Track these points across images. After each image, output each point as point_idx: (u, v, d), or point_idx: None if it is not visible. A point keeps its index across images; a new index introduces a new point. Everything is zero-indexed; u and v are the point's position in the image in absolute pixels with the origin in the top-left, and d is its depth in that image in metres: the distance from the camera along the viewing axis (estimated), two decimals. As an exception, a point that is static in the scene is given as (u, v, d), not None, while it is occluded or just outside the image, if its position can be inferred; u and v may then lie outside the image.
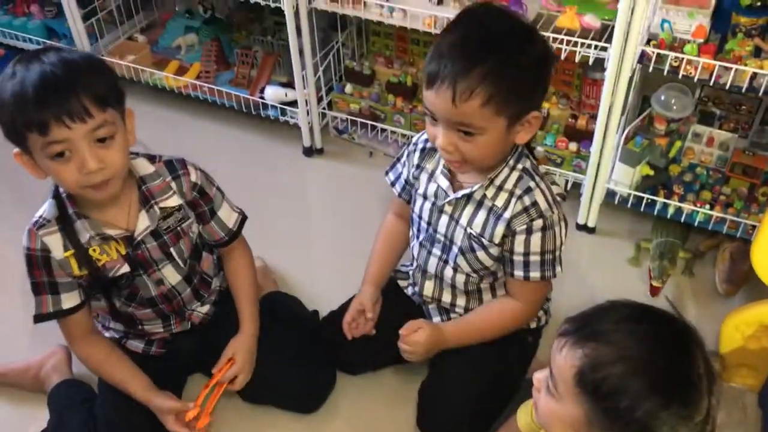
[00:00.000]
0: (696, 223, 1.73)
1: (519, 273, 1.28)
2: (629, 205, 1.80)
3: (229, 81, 2.22)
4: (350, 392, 1.53)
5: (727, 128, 1.83)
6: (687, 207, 1.72)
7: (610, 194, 1.81)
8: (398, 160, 1.41)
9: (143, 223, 1.26)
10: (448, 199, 1.29)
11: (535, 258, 1.26)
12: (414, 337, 1.34)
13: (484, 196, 1.25)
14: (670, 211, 1.75)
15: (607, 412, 0.87)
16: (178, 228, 1.31)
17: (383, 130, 2.10)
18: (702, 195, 1.76)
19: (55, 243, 1.22)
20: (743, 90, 1.50)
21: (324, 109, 2.14)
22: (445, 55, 1.10)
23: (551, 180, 1.29)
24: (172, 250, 1.31)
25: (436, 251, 1.37)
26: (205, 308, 1.46)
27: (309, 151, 2.16)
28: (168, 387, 1.37)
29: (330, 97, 2.15)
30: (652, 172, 1.76)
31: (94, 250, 1.24)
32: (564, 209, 1.28)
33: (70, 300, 1.27)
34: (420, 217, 1.37)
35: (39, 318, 1.27)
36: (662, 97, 1.71)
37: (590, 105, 1.89)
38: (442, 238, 1.33)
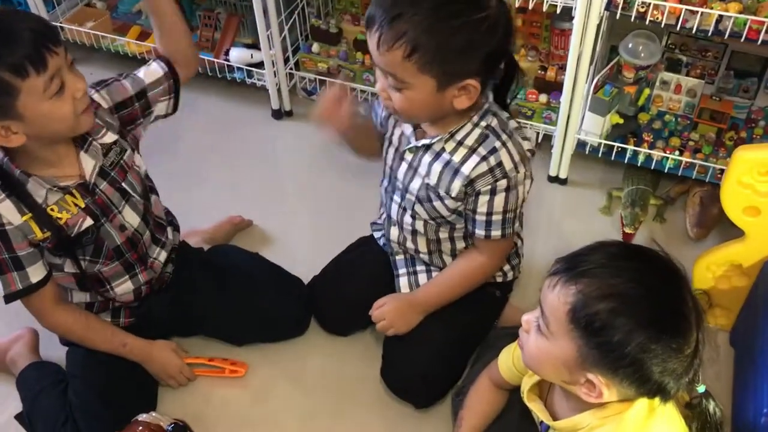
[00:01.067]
0: (666, 170, 1.75)
1: (480, 232, 1.28)
2: (600, 155, 1.81)
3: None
4: (328, 347, 1.54)
5: (695, 75, 1.84)
6: (657, 154, 1.73)
7: (581, 145, 1.82)
8: (376, 97, 1.36)
9: (88, 163, 1.24)
10: (408, 146, 1.28)
11: (497, 217, 1.26)
12: (378, 312, 1.36)
13: (443, 149, 1.24)
14: (640, 158, 1.76)
15: (600, 347, 0.88)
16: (121, 161, 1.29)
17: (353, 89, 2.07)
18: (671, 141, 1.77)
19: (8, 211, 1.18)
20: (709, 33, 1.51)
21: (291, 69, 2.11)
22: (381, 1, 1.09)
23: (523, 135, 1.27)
24: (124, 185, 1.29)
25: (397, 198, 1.37)
26: (163, 256, 1.43)
27: (278, 114, 2.13)
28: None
29: (297, 57, 2.12)
30: (621, 121, 1.77)
31: (52, 210, 1.21)
32: (535, 162, 1.29)
33: (36, 273, 1.24)
34: (385, 163, 1.37)
35: (10, 297, 1.24)
36: (630, 45, 1.71)
37: (559, 56, 1.88)
38: (401, 186, 1.33)
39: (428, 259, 1.42)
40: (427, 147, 1.26)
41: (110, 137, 1.27)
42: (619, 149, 1.76)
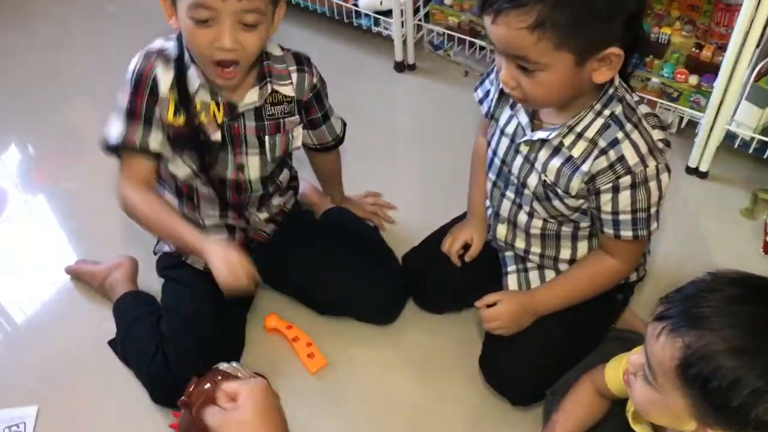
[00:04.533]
0: (828, 177, 1.53)
1: (609, 231, 1.14)
2: (751, 150, 1.61)
3: (323, -15, 2.09)
4: (423, 324, 1.46)
5: None
6: (820, 158, 1.52)
7: (730, 137, 1.62)
8: (488, 75, 1.27)
9: (251, 97, 1.23)
10: (524, 138, 1.16)
11: (625, 217, 1.12)
12: (492, 312, 1.24)
13: (561, 143, 1.11)
14: (799, 161, 1.55)
15: (719, 410, 0.77)
16: (281, 120, 1.28)
17: (482, 48, 1.95)
18: (839, 145, 1.55)
19: (165, 78, 1.18)
20: None
21: (420, 21, 2.00)
22: None
23: (655, 123, 1.11)
24: (266, 138, 1.27)
25: (510, 194, 1.24)
26: (264, 215, 1.40)
27: (400, 66, 2.04)
28: (230, 304, 1.33)
29: (428, 8, 2.00)
30: (783, 115, 1.56)
31: (194, 105, 1.20)
32: (674, 149, 1.13)
33: (156, 142, 1.20)
34: (495, 153, 1.24)
35: (120, 147, 1.20)
36: (808, 30, 1.49)
37: (719, 34, 1.67)
38: (516, 180, 1.21)
39: (540, 262, 1.30)
40: (544, 141, 1.13)
41: (288, 91, 1.26)
42: (775, 147, 1.56)
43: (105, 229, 1.62)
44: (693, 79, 1.65)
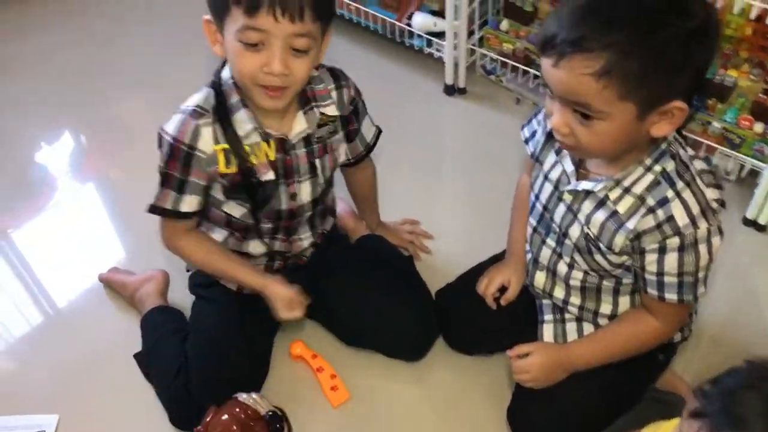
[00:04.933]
0: None
1: (652, 291, 1.08)
2: (815, 207, 1.52)
3: (378, 1, 2.06)
4: (451, 365, 1.41)
5: None
6: None
7: (794, 190, 1.53)
8: (535, 115, 1.22)
9: (300, 125, 1.20)
10: (568, 187, 1.10)
11: (670, 279, 1.05)
12: (523, 363, 1.18)
13: (607, 197, 1.05)
14: None
15: None
16: (328, 141, 1.26)
17: (536, 77, 1.89)
18: None
19: (207, 136, 1.16)
20: None
21: (474, 45, 1.95)
22: (566, 17, 0.90)
23: (710, 181, 1.04)
24: (317, 161, 1.25)
25: (551, 242, 1.18)
26: (308, 241, 1.38)
27: (450, 90, 1.99)
28: (258, 330, 1.34)
29: (482, 33, 1.95)
30: None
31: (244, 149, 1.18)
32: (731, 199, 1.06)
33: (189, 204, 1.20)
34: (537, 198, 1.19)
35: (154, 210, 1.21)
36: None
37: (790, 80, 1.58)
38: (558, 229, 1.15)
39: (578, 314, 1.23)
40: (588, 192, 1.08)
41: (332, 111, 1.24)
42: (843, 206, 1.46)
43: (146, 227, 1.62)
44: (758, 127, 1.56)
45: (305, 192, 1.27)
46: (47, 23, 2.31)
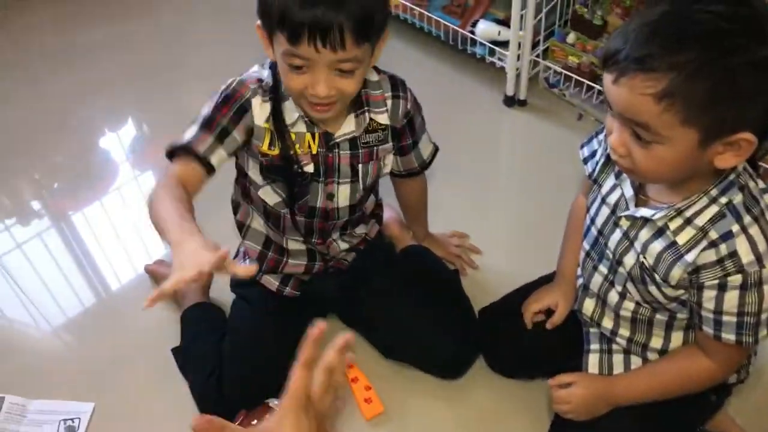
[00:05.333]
0: None
1: (708, 329, 1.01)
2: None
3: (442, 7, 2.03)
4: (490, 386, 1.37)
5: None
6: None
7: None
8: (596, 135, 1.16)
9: (349, 126, 1.19)
10: (626, 212, 1.04)
11: (729, 318, 0.98)
12: (564, 394, 1.13)
13: (666, 226, 0.99)
14: None
15: None
16: (375, 148, 1.23)
17: (600, 93, 1.82)
18: None
19: (261, 110, 1.15)
20: None
21: (538, 56, 1.89)
22: (633, 33, 0.85)
23: None
24: (360, 167, 1.23)
25: (603, 268, 1.13)
26: (345, 245, 1.35)
27: (510, 101, 1.94)
28: (295, 334, 1.29)
29: (547, 44, 1.89)
30: None
31: (290, 136, 1.17)
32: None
33: (217, 157, 1.13)
34: (593, 222, 1.13)
35: (183, 148, 1.12)
36: None
37: None
38: (611, 256, 1.09)
39: (627, 346, 1.17)
40: (647, 220, 1.02)
41: (384, 119, 1.22)
42: None
43: (199, 221, 1.62)
44: (837, 159, 1.47)
45: (343, 195, 1.25)
46: (120, 13, 2.36)
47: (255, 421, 1.13)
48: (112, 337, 1.49)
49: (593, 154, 1.16)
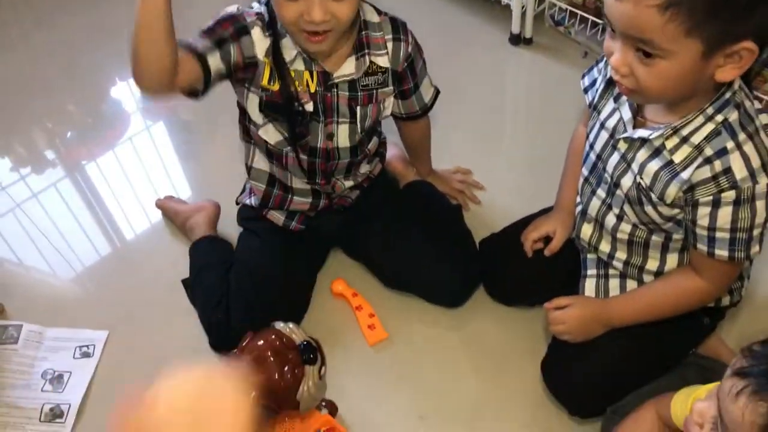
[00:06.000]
0: None
1: (702, 247, 1.03)
2: None
3: (448, -55, 2.01)
4: (490, 314, 1.40)
5: None
6: None
7: None
8: (597, 63, 1.17)
9: (348, 68, 1.19)
10: (624, 134, 1.06)
11: (722, 234, 1.00)
12: (559, 315, 1.16)
13: (663, 145, 1.00)
14: None
15: None
16: (375, 91, 1.24)
17: (605, 30, 1.81)
18: None
19: (260, 43, 1.15)
20: None
21: (543, -8, 1.89)
22: None
23: None
24: (358, 109, 1.24)
25: (601, 192, 1.14)
26: (350, 183, 1.38)
27: (516, 39, 1.94)
28: (300, 264, 1.35)
29: (553, -20, 1.88)
30: None
31: (289, 72, 1.18)
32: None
33: (215, 62, 1.11)
34: (592, 147, 1.15)
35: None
36: None
37: None
38: (609, 179, 1.11)
39: (623, 270, 1.20)
40: (644, 141, 1.03)
41: (384, 62, 1.22)
42: None
43: (206, 165, 1.65)
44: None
45: (342, 135, 1.26)
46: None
47: (261, 341, 1.17)
48: (125, 270, 1.53)
49: (594, 82, 1.17)
